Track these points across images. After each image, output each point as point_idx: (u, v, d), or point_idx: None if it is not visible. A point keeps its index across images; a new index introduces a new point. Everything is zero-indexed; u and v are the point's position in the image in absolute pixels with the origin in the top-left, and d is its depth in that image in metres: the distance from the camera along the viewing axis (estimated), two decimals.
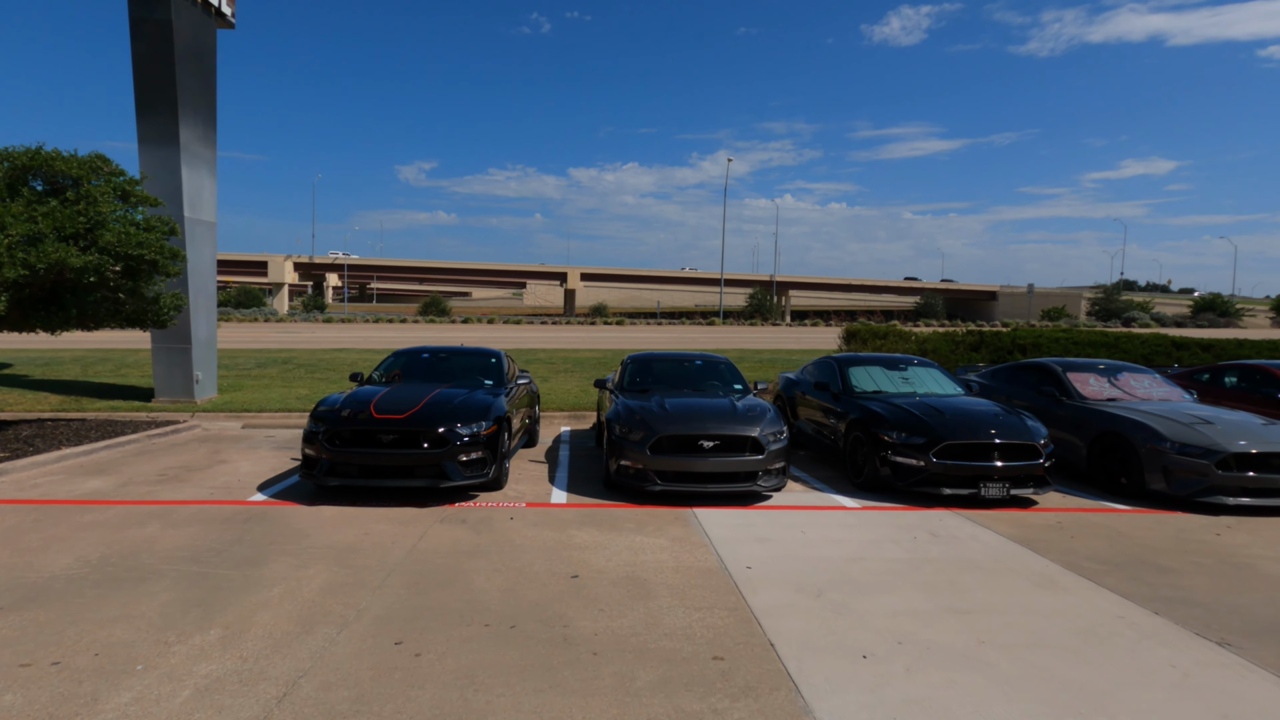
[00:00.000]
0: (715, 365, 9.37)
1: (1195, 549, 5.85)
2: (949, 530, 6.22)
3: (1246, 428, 7.40)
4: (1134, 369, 9.43)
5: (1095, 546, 5.85)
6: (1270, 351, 13.31)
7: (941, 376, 9.16)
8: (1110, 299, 65.93)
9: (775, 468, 7.15)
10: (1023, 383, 9.70)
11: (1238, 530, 6.44)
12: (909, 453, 7.21)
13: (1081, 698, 3.40)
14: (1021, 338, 14.08)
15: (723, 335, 43.14)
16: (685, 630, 4.07)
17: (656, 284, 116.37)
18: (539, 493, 7.37)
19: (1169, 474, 7.25)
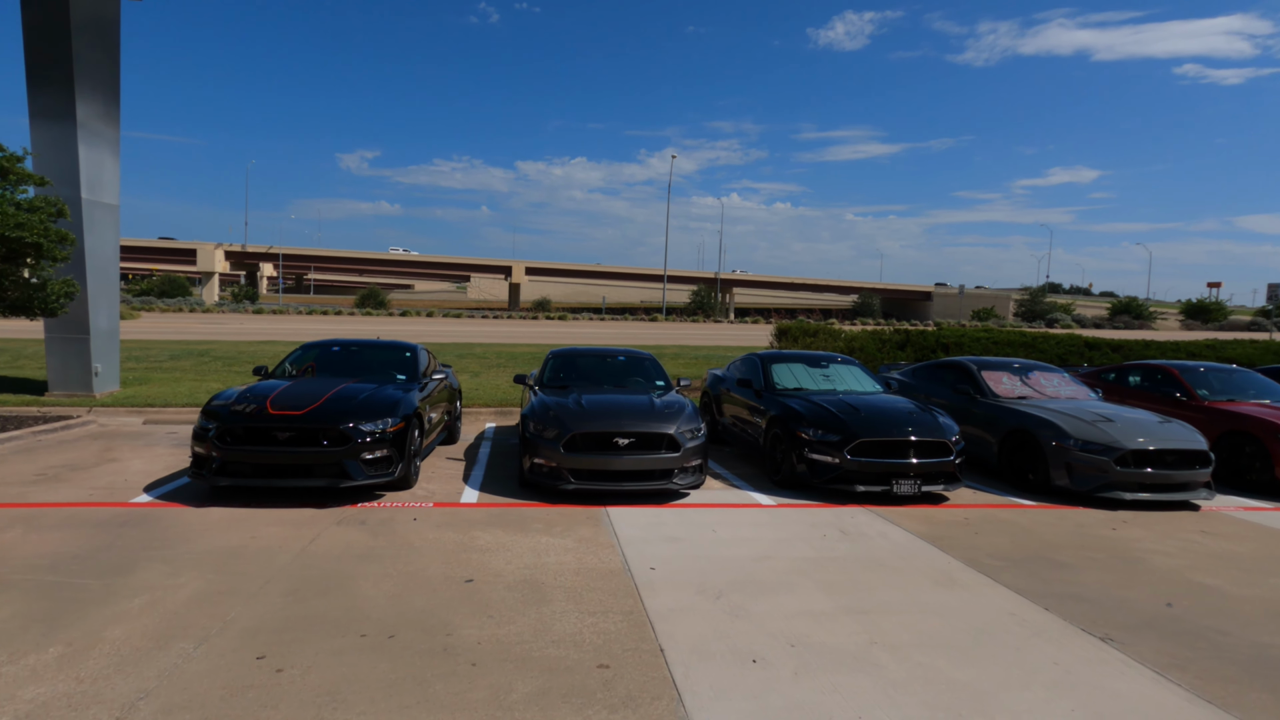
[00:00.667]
0: (639, 361, 9.24)
1: (1092, 544, 6.00)
2: (859, 527, 6.23)
3: (1144, 425, 7.66)
4: (1045, 368, 9.70)
5: (998, 543, 5.93)
6: (1173, 352, 13.96)
7: (862, 374, 9.23)
8: (1035, 301, 68.84)
9: (692, 465, 7.06)
10: (941, 381, 9.87)
11: (1133, 524, 6.65)
12: (825, 450, 7.21)
13: (963, 699, 3.38)
14: (945, 337, 14.42)
15: (664, 331, 43.22)
16: (575, 637, 3.91)
17: (602, 279, 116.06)
18: (450, 492, 7.11)
19: (1072, 470, 7.45)
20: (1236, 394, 9.49)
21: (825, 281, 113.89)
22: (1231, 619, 4.49)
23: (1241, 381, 9.80)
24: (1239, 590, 5.01)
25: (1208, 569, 5.44)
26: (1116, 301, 75.21)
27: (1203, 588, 5.04)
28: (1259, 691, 3.55)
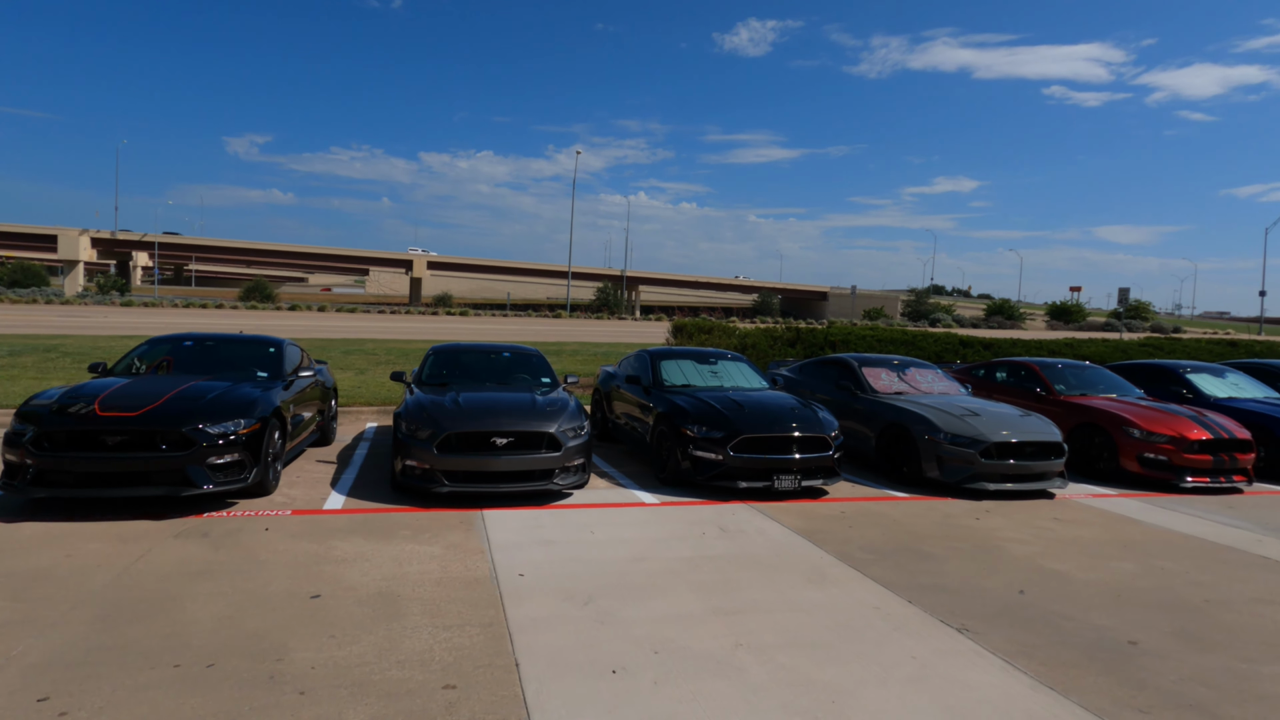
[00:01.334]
0: (525, 358, 8.95)
1: (957, 534, 6.21)
2: (739, 524, 6.21)
3: (1007, 419, 8.07)
4: (921, 365, 10.09)
5: (870, 535, 6.04)
6: (1036, 350, 14.97)
7: (749, 371, 9.31)
8: (920, 302, 73.19)
9: (574, 465, 6.85)
10: (825, 377, 10.10)
11: (995, 514, 6.96)
12: (708, 446, 7.17)
13: (821, 700, 3.33)
14: (833, 334, 14.88)
15: (568, 328, 42.84)
16: (424, 654, 3.62)
17: (507, 275, 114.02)
18: (313, 498, 6.60)
19: (942, 462, 7.74)
20: (1089, 389, 10.19)
21: (728, 281, 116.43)
22: (1075, 603, 4.71)
23: (1093, 377, 10.53)
24: (1084, 574, 5.29)
25: (1058, 555, 5.73)
26: (991, 303, 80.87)
27: (1052, 574, 5.28)
28: (1095, 674, 3.70)
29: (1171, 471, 8.43)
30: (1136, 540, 6.27)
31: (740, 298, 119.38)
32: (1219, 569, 5.57)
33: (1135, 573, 5.38)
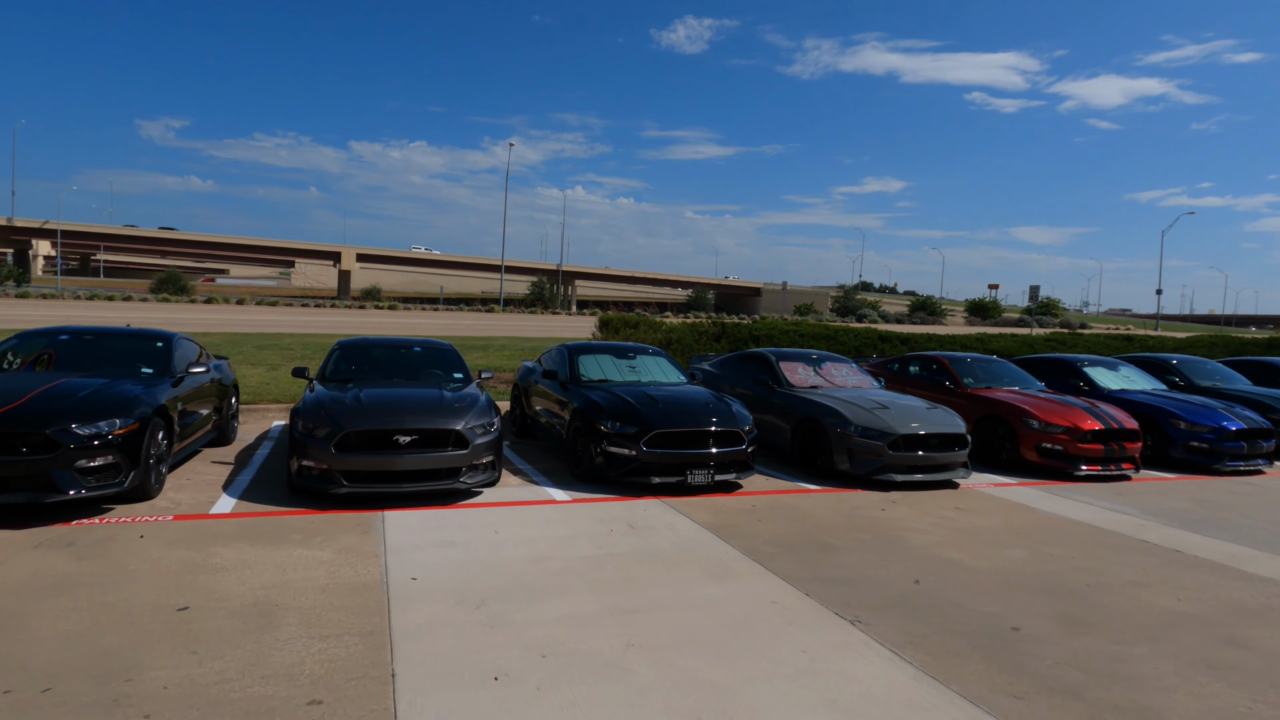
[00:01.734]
0: (438, 353, 8.67)
1: (862, 525, 6.31)
2: (649, 520, 6.15)
3: (914, 411, 8.28)
4: (837, 359, 10.28)
5: (778, 529, 6.07)
6: (950, 344, 15.52)
7: (668, 365, 9.27)
8: (849, 298, 75.39)
9: (483, 462, 6.65)
10: (744, 371, 10.17)
11: (900, 505, 7.12)
12: (622, 442, 7.09)
13: (707, 700, 3.28)
14: (757, 329, 15.05)
15: (500, 322, 42.19)
16: (293, 668, 3.40)
17: (441, 269, 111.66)
18: (200, 502, 6.21)
19: (852, 455, 7.88)
20: (995, 382, 10.58)
21: (664, 276, 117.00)
22: (967, 591, 4.82)
23: (999, 371, 10.94)
24: (978, 562, 5.44)
25: (955, 544, 5.88)
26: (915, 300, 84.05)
27: (948, 563, 5.41)
28: (978, 662, 3.78)
29: (1067, 460, 8.82)
30: (1030, 528, 6.50)
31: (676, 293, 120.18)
32: (1103, 554, 5.83)
33: (1025, 559, 5.57)
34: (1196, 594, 4.99)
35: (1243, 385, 12.16)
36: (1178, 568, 5.55)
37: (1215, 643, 4.16)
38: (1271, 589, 5.17)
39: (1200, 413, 9.82)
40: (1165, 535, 6.46)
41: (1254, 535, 6.59)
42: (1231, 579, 5.35)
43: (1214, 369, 12.70)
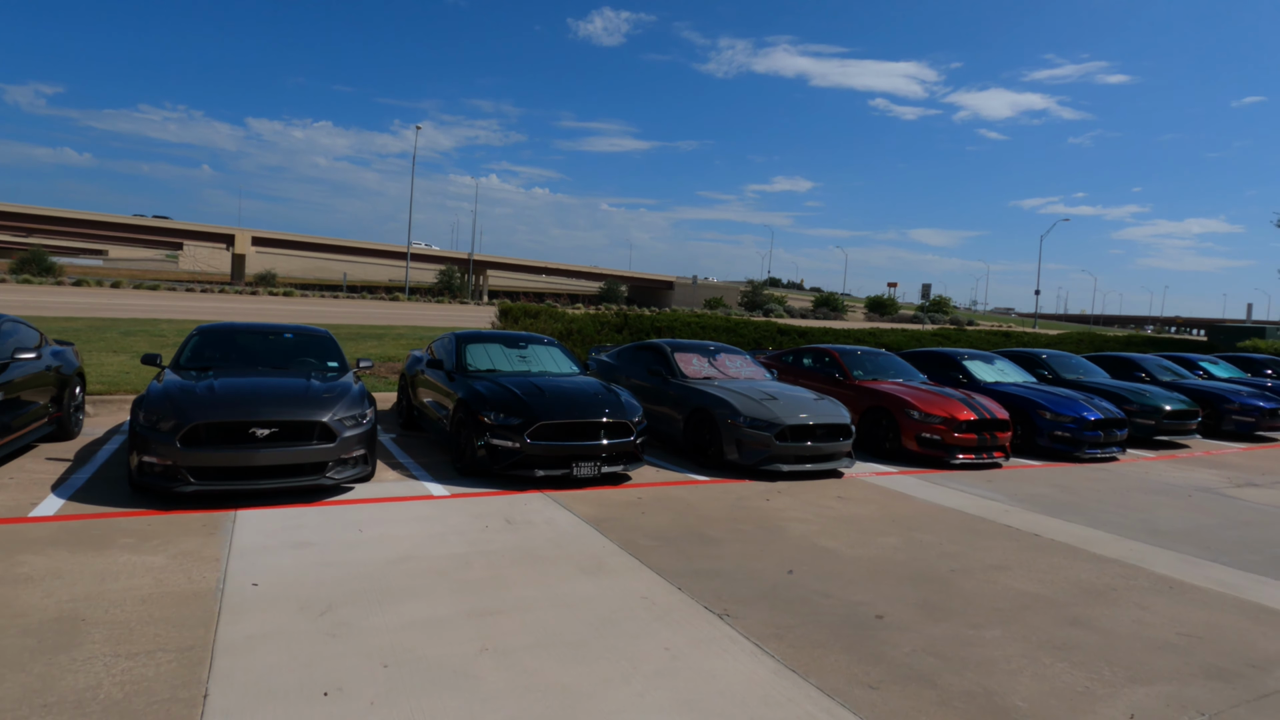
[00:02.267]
0: (312, 340, 8.11)
1: (744, 516, 6.31)
2: (528, 515, 5.92)
3: (802, 402, 8.39)
4: (732, 351, 10.33)
5: (660, 521, 5.98)
6: (844, 338, 16.03)
7: (561, 355, 9.05)
8: (756, 293, 77.35)
9: (353, 456, 6.23)
10: (640, 362, 10.08)
11: (785, 495, 7.18)
12: (505, 434, 6.82)
13: (555, 706, 3.11)
14: (660, 321, 15.03)
15: (402, 311, 40.70)
16: (84, 694, 2.99)
17: (344, 255, 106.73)
18: (20, 503, 5.52)
19: (741, 445, 7.91)
20: (882, 374, 10.92)
21: (578, 268, 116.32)
22: (837, 580, 4.86)
23: (886, 363, 11.31)
24: (852, 551, 5.52)
25: (833, 533, 5.95)
26: (819, 296, 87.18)
27: (824, 551, 5.46)
28: (839, 653, 3.77)
29: (944, 450, 9.18)
30: (905, 515, 6.68)
31: (590, 285, 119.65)
32: (969, 539, 6.04)
33: (897, 546, 5.70)
34: (1049, 576, 5.22)
35: (1102, 379, 13.08)
36: (1035, 551, 5.81)
37: (1061, 623, 4.34)
38: (1114, 569, 5.48)
39: (1064, 404, 10.46)
40: (1027, 520, 6.78)
41: (1104, 519, 7.01)
42: (1081, 561, 5.64)
43: (1078, 363, 13.61)
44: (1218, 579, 5.39)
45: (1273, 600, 5.00)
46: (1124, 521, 6.97)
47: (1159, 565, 5.64)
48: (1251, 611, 4.76)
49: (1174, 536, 6.53)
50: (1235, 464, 10.59)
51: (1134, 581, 5.22)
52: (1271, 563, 5.90)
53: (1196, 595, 5.01)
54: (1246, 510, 7.74)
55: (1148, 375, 14.19)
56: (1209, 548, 6.23)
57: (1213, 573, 5.55)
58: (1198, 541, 6.40)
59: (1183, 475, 9.53)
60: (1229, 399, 13.04)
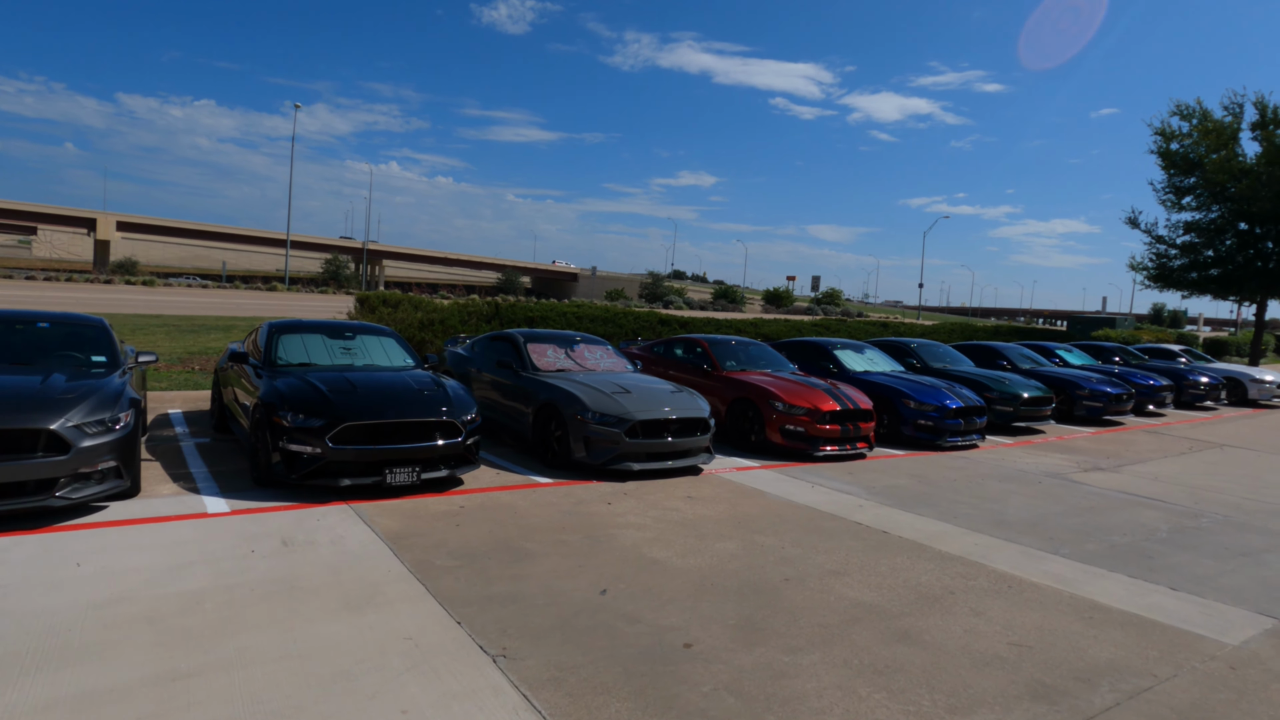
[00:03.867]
0: (76, 331, 6.83)
1: (575, 523, 5.65)
2: (315, 534, 5.03)
3: (657, 396, 7.83)
4: (595, 341, 9.67)
5: (472, 535, 5.23)
6: (727, 328, 15.75)
7: (395, 347, 8.10)
8: (657, 285, 77.38)
9: (97, 470, 5.14)
10: (493, 353, 9.27)
11: (632, 496, 6.58)
12: (304, 438, 5.88)
13: None
14: (533, 311, 14.22)
15: (275, 301, 37.92)
16: None
17: (223, 242, 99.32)
18: None
19: (589, 443, 7.26)
20: (752, 365, 10.56)
21: (481, 259, 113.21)
22: (653, 599, 4.27)
23: (757, 354, 10.97)
24: (682, 561, 4.96)
25: (668, 540, 5.39)
26: (718, 288, 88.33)
27: (651, 563, 4.87)
28: (623, 700, 3.15)
29: (807, 442, 8.88)
30: (752, 515, 6.22)
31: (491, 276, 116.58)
32: (813, 540, 5.62)
33: (734, 553, 5.19)
34: (887, 580, 4.83)
35: (967, 367, 13.31)
36: (878, 552, 5.45)
37: (889, 639, 3.91)
38: (956, 568, 5.18)
39: (927, 392, 10.42)
40: (878, 515, 6.47)
41: (956, 510, 6.81)
42: (924, 560, 5.32)
43: (945, 352, 13.82)
44: (1056, 574, 5.18)
45: (1104, 595, 4.81)
46: (974, 513, 6.79)
47: (1001, 561, 5.40)
48: (1085, 610, 4.52)
49: (1020, 527, 6.38)
50: (1084, 448, 10.90)
51: (973, 582, 4.92)
52: (1107, 553, 5.80)
53: (1033, 595, 4.75)
54: (1090, 496, 7.78)
55: (1010, 363, 14.61)
56: (1051, 539, 6.09)
57: (1052, 567, 5.35)
58: (1042, 532, 6.27)
59: (1036, 461, 9.64)
60: (1081, 385, 13.56)
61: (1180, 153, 23.07)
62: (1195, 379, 16.66)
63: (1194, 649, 4.05)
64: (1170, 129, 23.22)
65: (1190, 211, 23.87)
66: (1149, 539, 6.29)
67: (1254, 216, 22.46)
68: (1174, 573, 5.39)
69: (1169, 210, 24.19)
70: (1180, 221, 24.23)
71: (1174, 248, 24.23)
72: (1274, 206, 21.71)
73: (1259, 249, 22.78)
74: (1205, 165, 22.29)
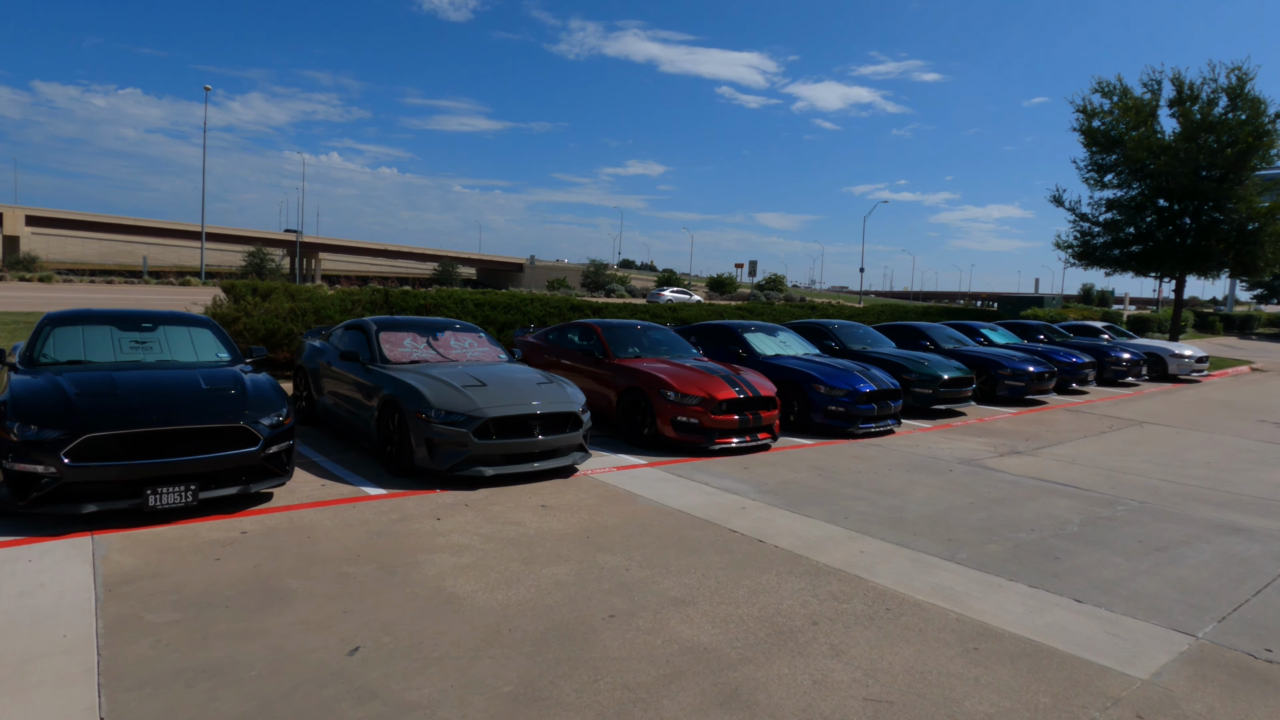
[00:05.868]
0: None
1: (377, 549, 4.60)
2: (8, 577, 3.86)
3: (519, 388, 6.80)
4: (464, 328, 8.57)
5: (227, 574, 4.12)
6: (641, 313, 14.85)
7: (210, 340, 6.85)
8: (599, 273, 76.00)
9: None
10: (347, 344, 8.11)
11: (473, 508, 5.55)
12: (34, 454, 4.67)
13: None
14: (428, 298, 13.02)
15: (185, 297, 35.51)
16: None
17: (139, 236, 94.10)
18: None
19: (432, 446, 6.21)
20: (652, 351, 9.62)
21: (423, 250, 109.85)
22: (417, 659, 3.26)
23: (658, 339, 10.01)
24: (488, 596, 3.96)
25: (483, 567, 4.38)
26: (661, 275, 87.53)
27: (445, 602, 3.86)
28: None
29: (702, 434, 7.99)
30: (609, 527, 5.27)
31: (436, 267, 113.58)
32: (668, 557, 4.70)
33: (562, 581, 4.22)
34: (741, 609, 3.93)
35: (887, 348, 12.64)
36: (743, 568, 4.56)
37: (709, 703, 2.99)
38: (830, 587, 4.31)
39: (838, 376, 9.65)
40: (759, 520, 5.60)
41: (851, 508, 6.00)
42: (796, 577, 4.44)
43: (865, 333, 13.13)
44: (946, 588, 4.37)
45: (997, 614, 4.00)
46: (871, 511, 5.99)
47: (885, 574, 4.56)
48: (970, 639, 3.69)
49: (918, 527, 5.59)
50: (1003, 430, 10.31)
51: (845, 605, 4.06)
52: (1010, 554, 5.03)
53: (913, 619, 3.90)
54: (1002, 485, 7.09)
55: (933, 344, 14.04)
56: (951, 540, 5.31)
57: (943, 578, 4.54)
58: (941, 532, 5.48)
59: (951, 446, 8.97)
60: (1003, 364, 13.05)
61: (1102, 130, 23.00)
62: (1118, 356, 16.44)
63: (1095, 689, 3.25)
64: (1092, 106, 23.13)
65: (1112, 189, 23.90)
66: (1058, 534, 5.58)
67: (1172, 193, 22.56)
68: (1081, 577, 4.65)
69: (1092, 188, 24.18)
70: (1103, 199, 24.26)
71: (1097, 225, 24.24)
72: (1191, 183, 21.81)
73: (1177, 225, 22.91)
74: (1125, 142, 22.26)
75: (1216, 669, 3.45)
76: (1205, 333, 35.98)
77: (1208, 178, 21.75)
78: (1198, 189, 21.85)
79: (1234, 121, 21.25)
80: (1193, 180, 21.76)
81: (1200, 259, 22.59)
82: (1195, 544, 5.49)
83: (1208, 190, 21.74)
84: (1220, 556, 5.21)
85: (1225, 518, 6.27)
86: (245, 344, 10.79)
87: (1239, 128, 20.99)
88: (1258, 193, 21.79)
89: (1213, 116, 21.56)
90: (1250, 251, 21.74)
